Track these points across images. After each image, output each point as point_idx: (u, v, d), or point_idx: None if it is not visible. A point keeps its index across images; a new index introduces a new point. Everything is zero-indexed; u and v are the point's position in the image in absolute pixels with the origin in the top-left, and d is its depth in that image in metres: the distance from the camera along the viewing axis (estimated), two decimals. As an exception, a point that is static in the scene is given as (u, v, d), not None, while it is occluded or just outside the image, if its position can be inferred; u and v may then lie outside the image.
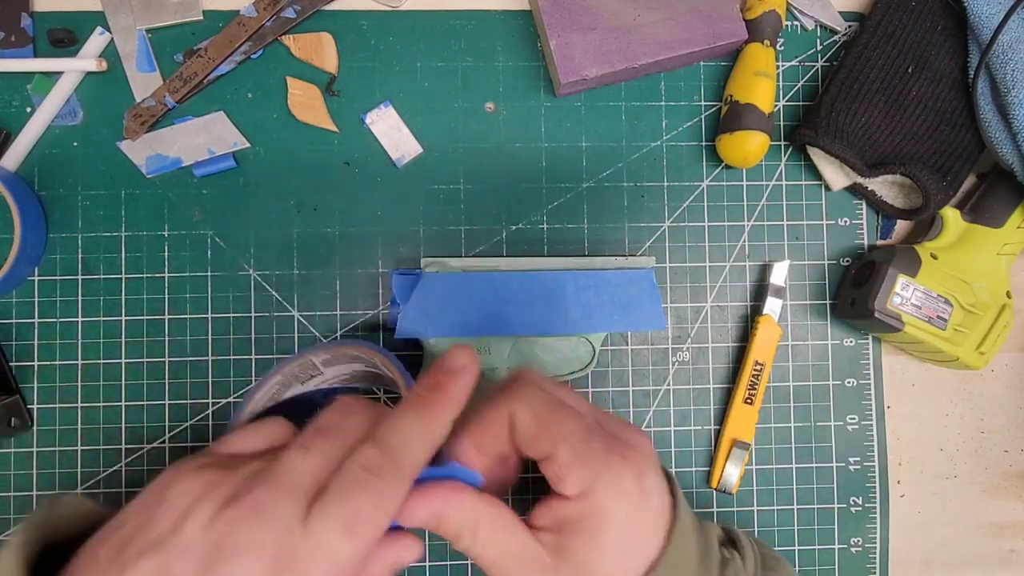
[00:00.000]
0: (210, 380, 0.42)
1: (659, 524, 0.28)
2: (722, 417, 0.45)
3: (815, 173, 0.45)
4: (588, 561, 0.27)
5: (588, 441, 0.28)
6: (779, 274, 0.44)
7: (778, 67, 0.45)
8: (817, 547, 0.45)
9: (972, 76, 0.42)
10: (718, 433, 0.44)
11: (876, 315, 0.41)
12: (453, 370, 0.28)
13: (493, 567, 0.28)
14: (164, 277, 0.42)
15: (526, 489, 0.42)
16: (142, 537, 0.24)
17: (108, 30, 0.42)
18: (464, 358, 0.28)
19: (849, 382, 0.45)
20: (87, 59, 0.41)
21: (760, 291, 0.45)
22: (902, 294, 0.41)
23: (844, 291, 0.45)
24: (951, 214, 0.43)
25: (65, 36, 0.41)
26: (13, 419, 0.40)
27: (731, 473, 0.43)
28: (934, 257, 0.42)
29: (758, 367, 0.43)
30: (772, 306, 0.44)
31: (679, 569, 0.28)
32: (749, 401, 0.43)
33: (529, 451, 0.28)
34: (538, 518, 0.28)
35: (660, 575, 0.27)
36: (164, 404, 0.42)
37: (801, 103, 0.46)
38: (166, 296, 0.42)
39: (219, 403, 0.42)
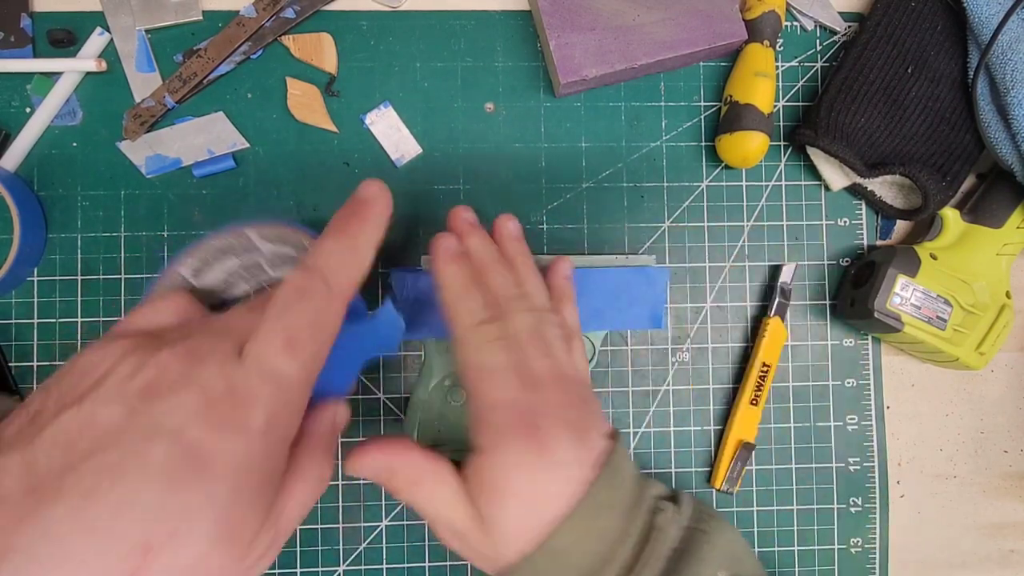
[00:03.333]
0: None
1: (565, 489, 0.28)
2: (723, 417, 0.45)
3: (815, 173, 0.45)
4: (497, 520, 0.28)
5: (505, 408, 0.29)
6: (787, 276, 0.44)
7: (778, 67, 0.45)
8: (817, 547, 0.45)
9: (972, 76, 0.42)
10: (720, 433, 0.44)
11: (876, 315, 0.41)
12: (366, 199, 0.30)
13: (433, 520, 0.30)
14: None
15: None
16: (57, 402, 0.22)
17: (108, 30, 0.42)
18: (374, 187, 0.30)
19: (849, 382, 0.45)
20: (87, 59, 0.41)
21: (760, 292, 0.45)
22: (902, 294, 0.41)
23: (844, 291, 0.45)
24: (951, 214, 0.43)
25: (65, 36, 0.41)
26: (12, 420, 0.40)
27: (742, 473, 0.43)
28: (934, 257, 0.42)
29: (765, 368, 0.43)
30: (780, 308, 0.44)
31: (593, 519, 0.29)
32: (755, 402, 0.43)
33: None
34: (472, 467, 0.30)
35: (564, 530, 0.28)
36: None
37: (801, 103, 0.46)
38: (166, 296, 0.42)
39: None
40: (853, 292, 0.43)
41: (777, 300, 0.44)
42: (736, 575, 0.31)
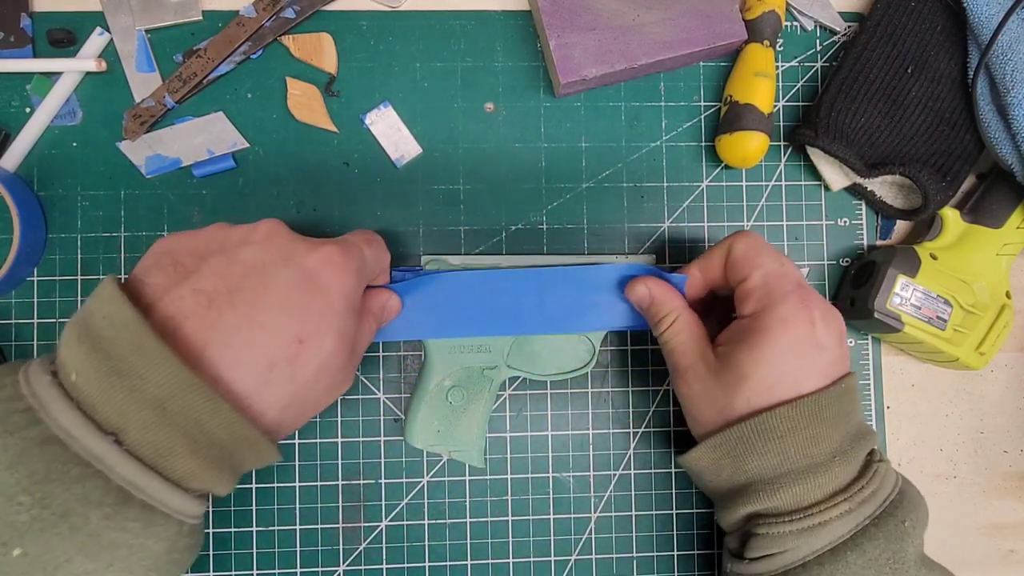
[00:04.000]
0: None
1: (822, 368, 0.33)
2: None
3: (815, 173, 0.45)
4: (743, 367, 0.33)
5: (780, 278, 0.34)
6: None
7: (778, 67, 0.45)
8: (817, 547, 0.44)
9: (972, 76, 0.42)
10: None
11: (876, 315, 0.41)
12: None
13: (675, 352, 0.36)
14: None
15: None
16: (193, 256, 0.30)
17: (107, 30, 0.42)
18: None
19: (849, 382, 0.45)
20: (86, 59, 0.41)
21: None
22: (902, 294, 0.41)
23: (844, 291, 0.45)
24: (951, 214, 0.43)
25: (64, 36, 0.41)
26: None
27: None
28: (934, 257, 0.42)
29: None
30: None
31: (828, 418, 0.33)
32: None
33: (734, 274, 0.36)
34: (719, 338, 0.36)
35: (807, 404, 0.32)
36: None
37: (801, 103, 0.46)
38: (165, 296, 0.42)
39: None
40: (853, 292, 0.43)
41: None
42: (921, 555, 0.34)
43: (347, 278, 0.31)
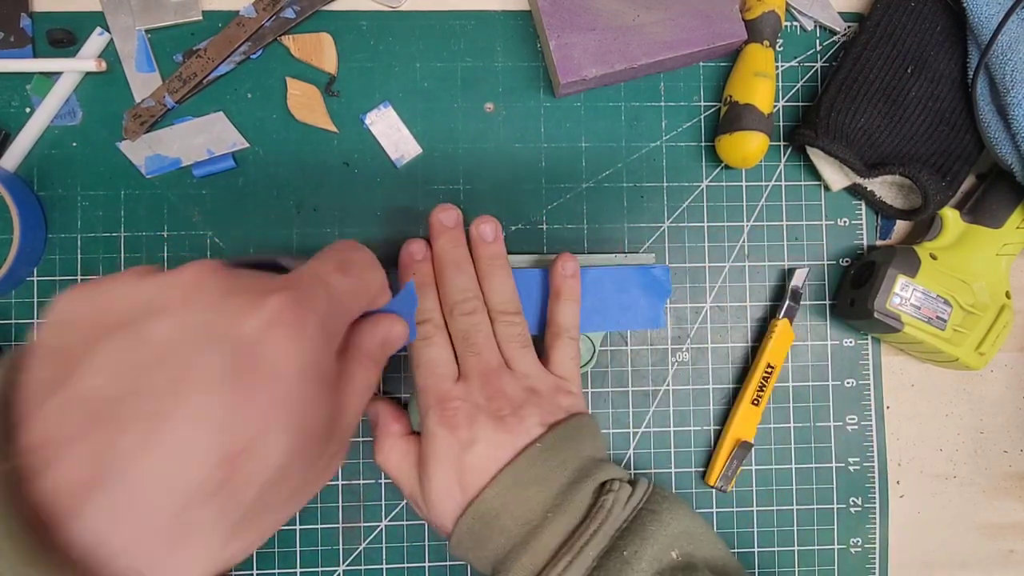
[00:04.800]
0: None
1: (485, 464, 0.33)
2: (723, 418, 0.45)
3: (814, 173, 0.45)
4: (424, 483, 0.34)
5: (426, 393, 0.35)
6: (799, 279, 0.44)
7: (777, 67, 0.45)
8: (817, 547, 0.45)
9: (972, 77, 0.42)
10: (719, 433, 0.44)
11: (876, 315, 0.41)
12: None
13: (392, 480, 0.37)
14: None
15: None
16: (88, 335, 0.21)
17: (107, 30, 0.42)
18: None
19: (849, 382, 0.45)
20: (86, 59, 0.41)
21: (760, 292, 0.45)
22: (901, 294, 0.41)
23: (843, 291, 0.45)
24: (950, 214, 0.43)
25: (64, 36, 0.41)
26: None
27: (737, 471, 0.43)
28: (933, 257, 0.42)
29: (769, 369, 0.43)
30: (789, 311, 0.44)
31: (528, 484, 0.33)
32: (756, 402, 0.43)
33: None
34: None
35: (488, 496, 0.32)
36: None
37: (800, 104, 0.46)
38: (165, 296, 0.42)
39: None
40: (853, 292, 0.43)
41: (787, 303, 0.44)
42: (688, 555, 0.33)
43: (305, 343, 0.22)
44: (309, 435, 0.23)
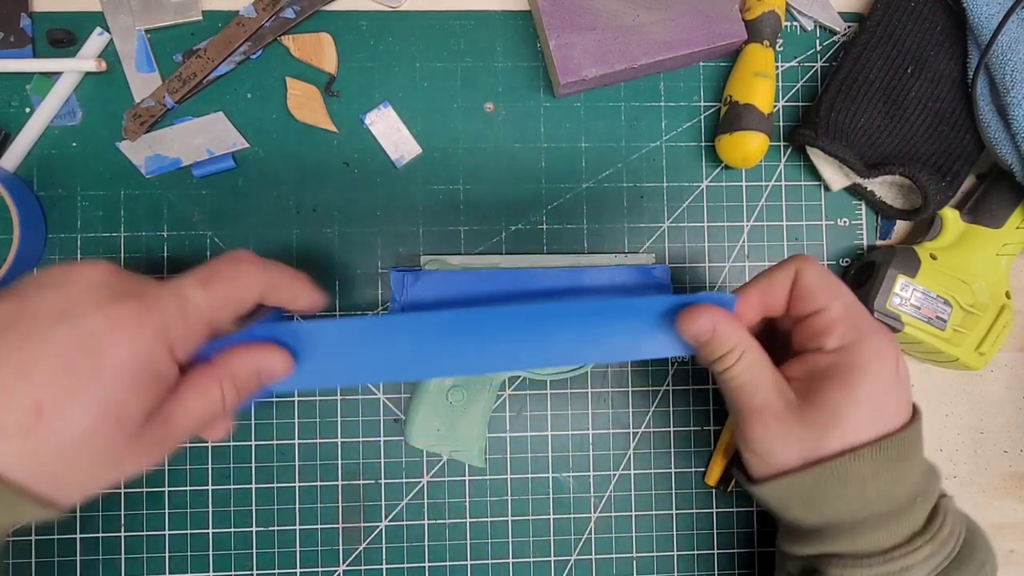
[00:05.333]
0: (209, 381, 0.42)
1: (904, 406, 0.32)
2: (723, 417, 0.44)
3: (814, 174, 0.45)
4: (838, 405, 0.30)
5: (861, 311, 0.33)
6: None
7: (777, 67, 0.45)
8: (817, 547, 0.44)
9: (972, 77, 0.42)
10: (719, 433, 0.44)
11: (875, 315, 0.41)
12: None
13: (743, 389, 0.32)
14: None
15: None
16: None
17: (107, 30, 0.42)
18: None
19: (849, 382, 0.45)
20: (86, 59, 0.41)
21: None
22: (901, 294, 0.41)
23: None
24: (950, 214, 0.43)
25: (64, 36, 0.41)
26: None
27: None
28: (933, 258, 0.42)
29: None
30: None
31: (910, 457, 0.31)
32: None
33: (804, 303, 0.33)
34: (790, 370, 0.33)
35: (894, 444, 0.30)
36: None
37: (800, 104, 0.46)
38: (165, 296, 0.42)
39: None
40: (853, 292, 0.43)
41: None
42: None
43: (136, 343, 0.27)
44: (115, 420, 0.26)
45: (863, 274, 0.43)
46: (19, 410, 0.25)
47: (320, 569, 0.42)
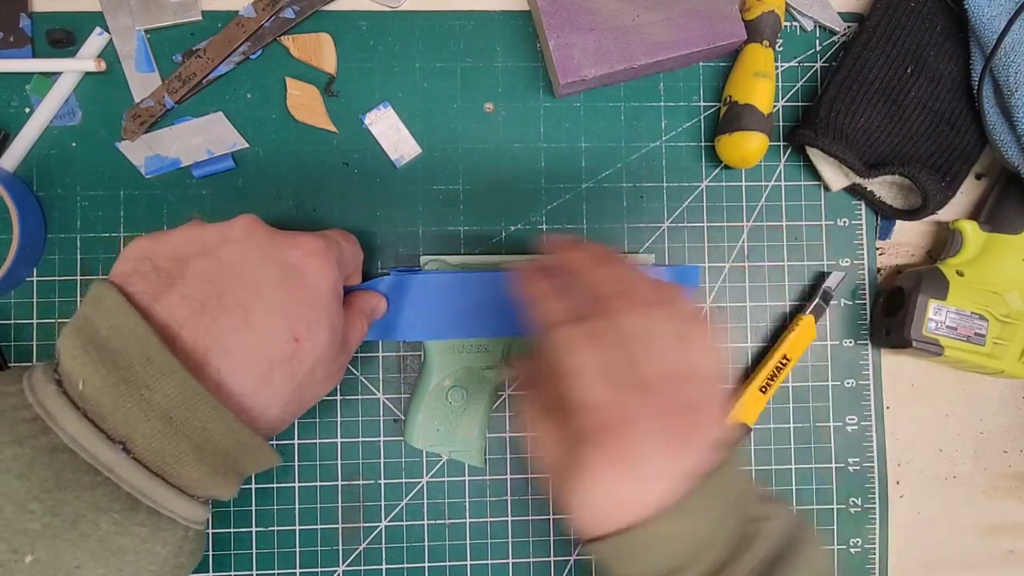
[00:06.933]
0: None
1: (648, 499, 0.27)
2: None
3: (814, 174, 0.45)
4: (575, 508, 0.29)
5: (589, 412, 0.28)
6: (833, 282, 0.44)
7: (777, 68, 0.45)
8: (817, 548, 0.44)
9: (977, 79, 0.42)
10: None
11: (915, 345, 0.41)
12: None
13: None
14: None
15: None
16: (173, 259, 0.29)
17: (107, 30, 0.42)
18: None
19: (848, 383, 0.45)
20: (86, 59, 0.41)
21: (760, 292, 0.45)
22: (935, 319, 0.41)
23: (877, 321, 0.45)
24: (968, 227, 0.43)
25: (64, 36, 0.41)
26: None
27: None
28: (960, 274, 0.42)
29: (784, 361, 0.43)
30: (817, 309, 0.44)
31: (680, 523, 0.27)
32: (764, 390, 0.43)
33: None
34: (561, 444, 0.31)
35: (643, 532, 0.27)
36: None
37: (800, 104, 0.46)
38: (165, 297, 0.42)
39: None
40: (887, 321, 0.43)
41: (817, 301, 0.44)
42: None
43: (330, 271, 0.32)
44: (336, 335, 0.32)
45: (893, 301, 0.43)
46: (282, 342, 0.29)
47: (320, 569, 0.42)
